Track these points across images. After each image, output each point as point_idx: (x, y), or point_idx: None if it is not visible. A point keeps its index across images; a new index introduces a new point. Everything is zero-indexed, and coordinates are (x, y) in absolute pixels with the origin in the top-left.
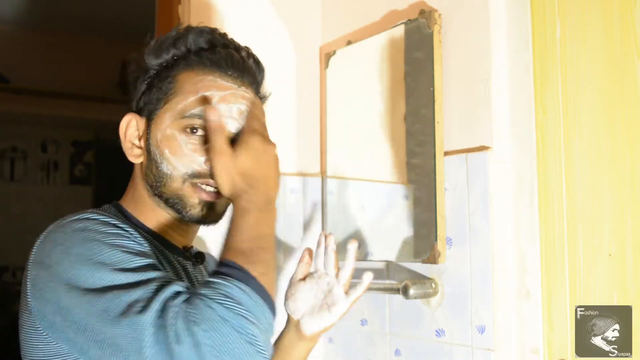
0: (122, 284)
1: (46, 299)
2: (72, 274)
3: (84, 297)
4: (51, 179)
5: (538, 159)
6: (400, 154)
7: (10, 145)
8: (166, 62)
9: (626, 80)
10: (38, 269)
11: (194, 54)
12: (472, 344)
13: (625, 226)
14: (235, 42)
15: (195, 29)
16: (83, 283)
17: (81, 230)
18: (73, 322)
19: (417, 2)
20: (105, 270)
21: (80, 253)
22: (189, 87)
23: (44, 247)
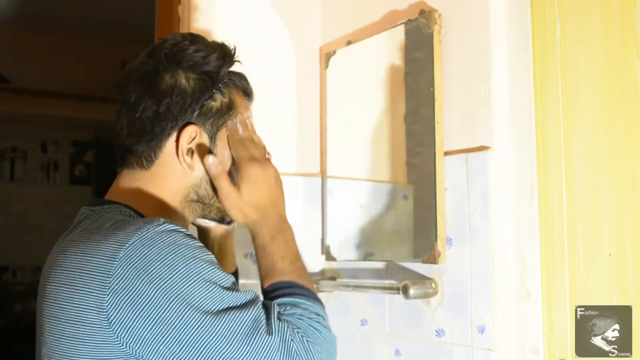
0: (235, 305)
1: (145, 314)
2: (186, 292)
3: (204, 319)
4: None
5: (538, 159)
6: (400, 154)
7: (10, 145)
8: (225, 81)
9: (626, 80)
10: (136, 283)
11: (237, 76)
12: (472, 344)
13: (625, 226)
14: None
15: (227, 49)
16: (200, 302)
17: (178, 245)
18: (185, 341)
19: (417, 2)
20: (218, 290)
21: (188, 270)
22: (241, 110)
23: (136, 260)
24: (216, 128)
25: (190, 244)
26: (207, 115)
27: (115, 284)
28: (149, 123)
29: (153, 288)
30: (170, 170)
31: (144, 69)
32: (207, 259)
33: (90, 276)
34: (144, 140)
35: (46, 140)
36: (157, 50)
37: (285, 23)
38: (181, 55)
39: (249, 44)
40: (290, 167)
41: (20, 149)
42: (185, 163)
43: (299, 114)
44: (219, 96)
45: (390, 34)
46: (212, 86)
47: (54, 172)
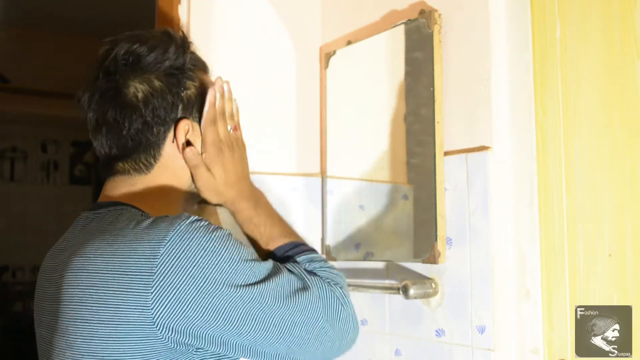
0: (269, 274)
1: (197, 304)
2: (232, 274)
3: (250, 291)
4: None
5: (538, 159)
6: (400, 154)
7: (10, 145)
8: (191, 66)
9: (626, 80)
10: (183, 276)
11: (193, 56)
12: (472, 344)
13: (625, 226)
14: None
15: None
16: (245, 279)
17: (210, 233)
18: (239, 318)
19: (417, 2)
20: (255, 265)
21: (228, 254)
22: (210, 86)
23: (179, 256)
24: (200, 113)
25: (216, 228)
26: (190, 105)
27: (159, 282)
28: (141, 134)
29: (202, 276)
30: (172, 168)
31: (112, 86)
32: (233, 239)
33: (128, 276)
34: (140, 151)
35: (46, 140)
36: (113, 64)
37: (285, 23)
38: (141, 61)
39: (249, 44)
40: (290, 167)
41: (20, 149)
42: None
43: (299, 114)
44: (190, 83)
45: (390, 34)
46: (182, 77)
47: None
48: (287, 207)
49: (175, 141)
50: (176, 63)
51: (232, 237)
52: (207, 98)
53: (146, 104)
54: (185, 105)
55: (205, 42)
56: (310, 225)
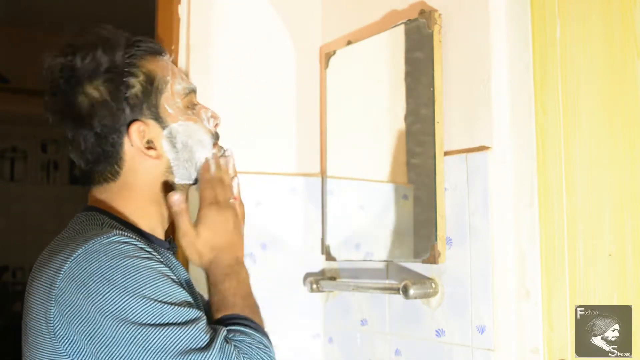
0: (175, 321)
1: (83, 329)
2: (122, 308)
3: (139, 332)
4: (51, 179)
5: (538, 159)
6: (400, 154)
7: (10, 145)
8: (129, 62)
9: (626, 81)
10: (76, 297)
11: (137, 46)
12: (472, 344)
13: (625, 226)
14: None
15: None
16: (136, 317)
17: (122, 258)
18: (120, 356)
19: (417, 2)
20: (157, 305)
21: (126, 285)
22: (164, 73)
23: (78, 274)
24: (154, 107)
25: (139, 256)
26: (138, 103)
27: (58, 296)
28: (97, 147)
29: (89, 303)
30: (140, 170)
31: (58, 107)
32: (152, 273)
33: (42, 287)
34: (102, 161)
35: (46, 140)
36: (55, 83)
37: (285, 23)
38: (76, 74)
39: (249, 44)
40: (290, 167)
41: (20, 149)
42: (152, 158)
43: (299, 114)
44: (133, 80)
45: (390, 34)
46: (120, 77)
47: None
48: (287, 207)
49: (133, 146)
50: (110, 65)
51: (148, 270)
52: (213, 157)
53: (92, 117)
54: (132, 106)
55: (205, 42)
56: (310, 225)
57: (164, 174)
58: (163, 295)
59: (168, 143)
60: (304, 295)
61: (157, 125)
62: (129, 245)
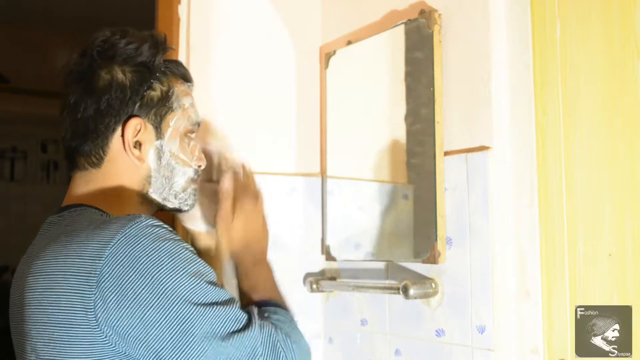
0: (217, 300)
1: (133, 311)
2: (173, 287)
3: (190, 311)
4: (51, 179)
5: (538, 159)
6: (400, 154)
7: (10, 145)
8: (163, 69)
9: (626, 81)
10: (124, 280)
11: (173, 63)
12: (472, 344)
13: (625, 226)
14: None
15: (157, 37)
16: (187, 296)
17: (162, 240)
18: (170, 335)
19: (417, 2)
20: (202, 283)
21: (173, 265)
22: (183, 101)
23: (122, 258)
24: (160, 117)
25: (173, 238)
26: (149, 106)
27: (102, 283)
28: (92, 121)
29: (140, 284)
30: (120, 165)
31: (79, 69)
32: (190, 253)
33: (76, 277)
34: (90, 139)
35: (46, 140)
36: (89, 49)
37: (285, 23)
38: (113, 50)
39: (249, 44)
40: (290, 167)
41: (20, 149)
42: (133, 156)
43: (299, 114)
44: (157, 85)
45: (390, 34)
46: (149, 76)
47: (54, 172)
48: (287, 207)
49: (122, 138)
50: (147, 61)
51: (187, 251)
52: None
53: (104, 93)
54: (144, 104)
55: (205, 42)
56: (310, 225)
57: (141, 180)
58: (204, 275)
59: (155, 154)
60: (303, 295)
61: (153, 133)
62: (162, 228)
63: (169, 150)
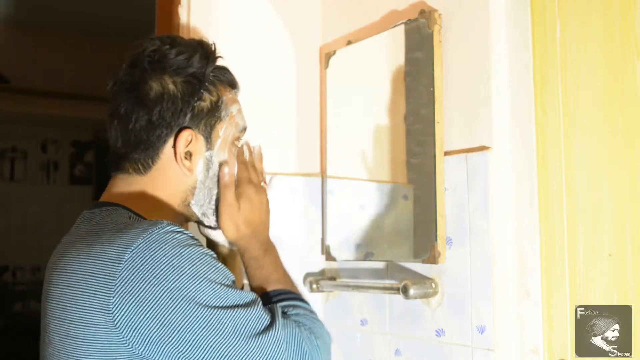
0: (240, 303)
1: (153, 316)
2: (193, 292)
3: (211, 315)
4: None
5: (538, 159)
6: (400, 154)
7: (10, 145)
8: (211, 79)
9: (626, 80)
10: (143, 285)
11: (221, 71)
12: (472, 344)
13: (625, 226)
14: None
15: (205, 44)
16: (207, 301)
17: (183, 246)
18: (194, 340)
19: (417, 2)
20: (222, 288)
21: (193, 271)
22: (231, 109)
23: (142, 263)
24: (210, 127)
25: (194, 244)
26: (199, 117)
27: (121, 286)
28: (144, 132)
29: (160, 289)
30: (169, 174)
31: (130, 79)
32: (210, 259)
33: (95, 279)
34: (140, 149)
35: (46, 140)
36: (140, 59)
37: (285, 23)
38: (165, 61)
39: (249, 44)
40: (290, 167)
41: (20, 149)
42: (184, 167)
43: (299, 114)
44: (207, 95)
45: (390, 34)
46: (199, 87)
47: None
48: (287, 207)
49: (174, 149)
50: (197, 72)
51: (207, 257)
52: (245, 145)
53: (155, 104)
54: (194, 115)
55: None
56: (310, 225)
57: (186, 190)
58: (224, 279)
59: (204, 164)
60: (304, 295)
61: (204, 144)
62: (183, 234)
63: (217, 161)
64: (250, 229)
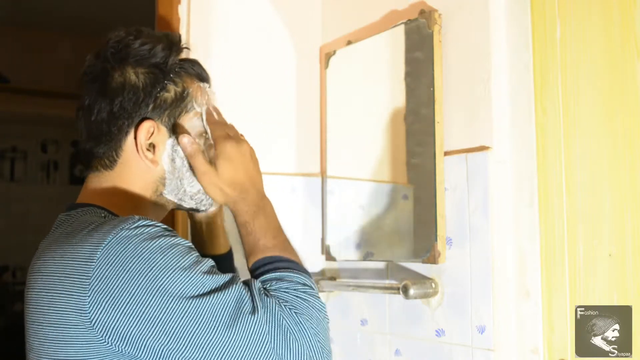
0: (216, 287)
1: (129, 311)
2: (167, 284)
3: (188, 305)
4: (51, 179)
5: (538, 159)
6: (400, 154)
7: (10, 145)
8: (177, 70)
9: (626, 81)
10: (116, 281)
11: (189, 63)
12: (472, 344)
13: (625, 226)
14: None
15: (172, 36)
16: (182, 291)
17: (154, 238)
18: (173, 331)
19: (417, 2)
20: (197, 275)
21: (165, 262)
22: (198, 99)
23: (114, 259)
24: (173, 119)
25: (166, 235)
26: (162, 108)
27: (95, 285)
28: (105, 124)
29: (133, 284)
30: (135, 167)
31: (93, 70)
32: (183, 248)
33: (69, 279)
34: (103, 142)
35: (46, 140)
36: (103, 50)
37: (285, 23)
38: (127, 52)
39: (249, 44)
40: (290, 167)
41: (20, 149)
42: (147, 159)
43: (299, 114)
44: (171, 86)
45: (390, 34)
46: (162, 78)
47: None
48: (287, 207)
49: (135, 140)
50: (161, 62)
51: (179, 246)
52: (212, 108)
53: (117, 94)
54: (157, 105)
55: (205, 42)
56: (310, 225)
57: (156, 182)
58: (199, 266)
59: (168, 156)
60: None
61: (167, 135)
62: (154, 227)
63: (182, 153)
64: (236, 190)
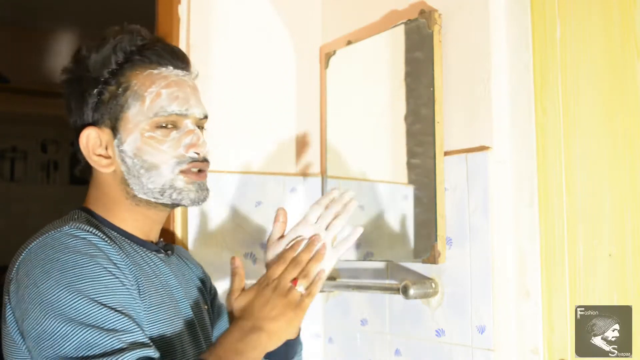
0: (98, 325)
1: (21, 318)
2: (52, 300)
3: (61, 327)
4: (51, 179)
5: (538, 159)
6: (400, 154)
7: (10, 145)
8: (112, 69)
9: (626, 81)
10: (21, 287)
11: (136, 54)
12: (472, 344)
13: (625, 226)
14: (157, 35)
15: (125, 31)
16: (63, 311)
17: (67, 252)
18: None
19: (417, 2)
20: (86, 302)
21: (61, 278)
22: (146, 87)
23: (25, 265)
24: (115, 118)
25: (86, 252)
26: (99, 111)
27: (14, 286)
28: (75, 137)
29: (27, 293)
30: (99, 174)
31: (63, 87)
32: (94, 270)
33: (10, 278)
34: (81, 159)
35: (46, 140)
36: (67, 64)
37: (285, 23)
38: (83, 65)
39: (249, 44)
40: (290, 167)
41: (20, 149)
42: (98, 165)
43: (299, 114)
44: (110, 87)
45: (390, 34)
46: (95, 83)
47: (54, 172)
48: (287, 207)
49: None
50: (95, 64)
51: (90, 267)
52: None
53: (71, 109)
54: (96, 110)
55: (205, 42)
56: None
57: (120, 184)
58: (97, 295)
59: (118, 156)
60: None
61: (111, 135)
62: (79, 239)
63: (130, 150)
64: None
